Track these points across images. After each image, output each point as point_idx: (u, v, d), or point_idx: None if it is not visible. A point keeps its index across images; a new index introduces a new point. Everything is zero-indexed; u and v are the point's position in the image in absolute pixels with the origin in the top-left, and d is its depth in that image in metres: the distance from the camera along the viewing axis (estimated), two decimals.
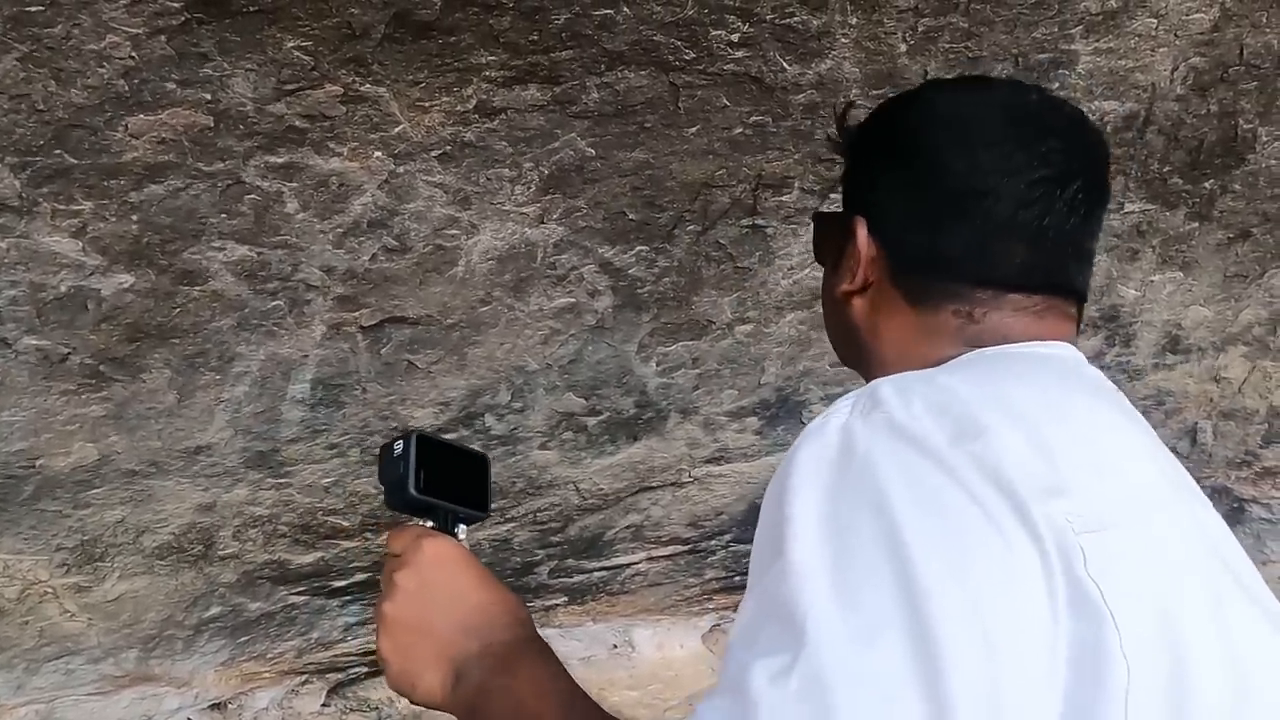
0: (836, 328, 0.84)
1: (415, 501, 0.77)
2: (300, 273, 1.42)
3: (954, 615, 0.48)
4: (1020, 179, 0.71)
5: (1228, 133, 1.69)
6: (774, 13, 1.29)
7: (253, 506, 1.77)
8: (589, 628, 2.72)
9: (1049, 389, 0.65)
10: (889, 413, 0.58)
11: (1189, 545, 0.60)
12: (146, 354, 1.42)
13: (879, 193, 0.78)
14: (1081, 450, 0.59)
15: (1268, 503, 2.55)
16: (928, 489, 0.53)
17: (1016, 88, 0.80)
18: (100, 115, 1.12)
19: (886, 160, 0.79)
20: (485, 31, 1.20)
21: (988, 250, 0.72)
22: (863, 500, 0.53)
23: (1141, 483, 0.61)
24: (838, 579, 0.51)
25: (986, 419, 0.57)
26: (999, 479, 0.53)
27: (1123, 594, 0.52)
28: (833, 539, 0.52)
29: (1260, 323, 2.08)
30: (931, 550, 0.50)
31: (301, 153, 1.26)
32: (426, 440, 0.79)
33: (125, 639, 1.87)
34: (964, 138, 0.74)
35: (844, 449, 0.57)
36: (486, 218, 1.46)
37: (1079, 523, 0.53)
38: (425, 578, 0.73)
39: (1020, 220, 0.71)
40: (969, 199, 0.72)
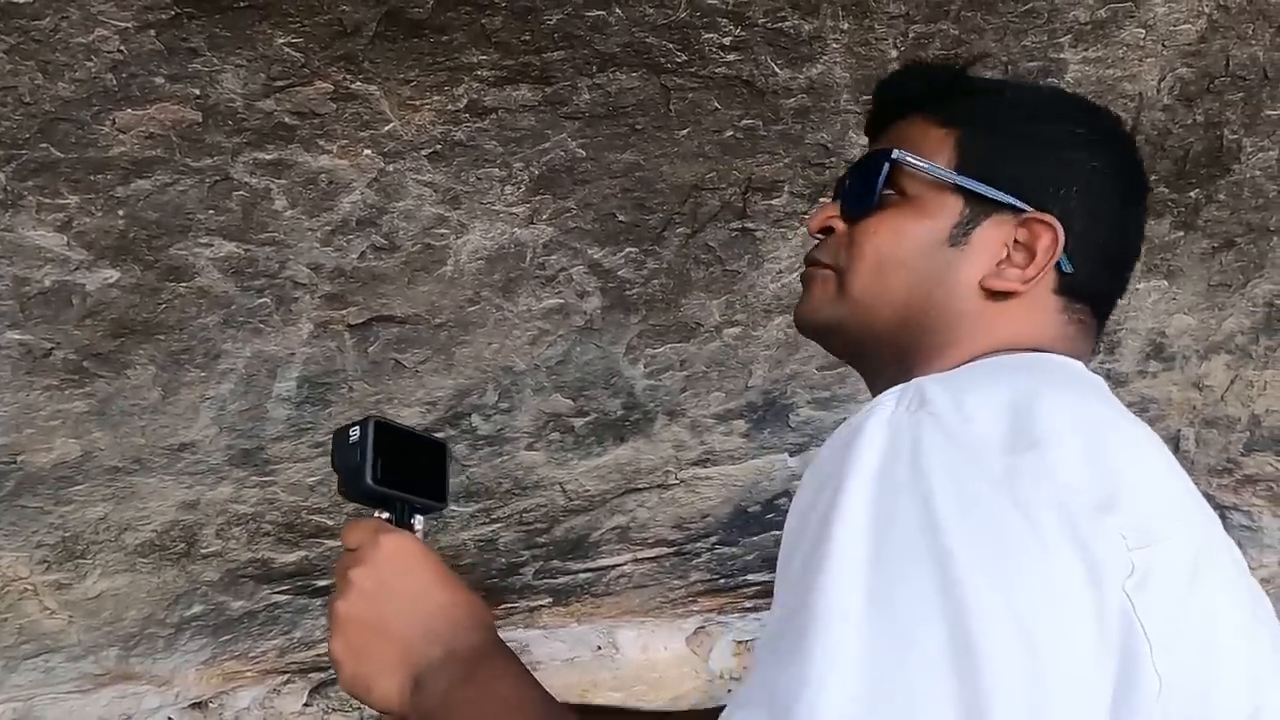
0: (913, 297, 0.77)
1: (372, 492, 0.74)
2: (288, 270, 1.41)
3: (996, 625, 0.47)
4: (1139, 242, 0.84)
5: (1213, 143, 1.70)
6: (766, 17, 1.29)
7: (237, 504, 1.76)
8: (573, 629, 2.72)
9: (1094, 400, 0.66)
10: (937, 411, 0.56)
11: (1221, 563, 0.60)
12: (131, 350, 1.41)
13: (1070, 205, 0.77)
14: (1130, 464, 0.58)
15: (1248, 510, 2.57)
16: (977, 500, 0.52)
17: (1128, 142, 0.86)
18: (87, 109, 1.11)
19: (1084, 179, 0.79)
20: (477, 31, 1.19)
21: (1115, 294, 0.82)
22: (909, 503, 0.52)
23: (1178, 499, 0.61)
24: (875, 582, 0.49)
25: (1044, 425, 0.56)
26: (1053, 491, 0.52)
27: (1156, 608, 0.51)
28: (874, 538, 0.51)
29: (1243, 331, 2.10)
30: (978, 561, 0.49)
31: (291, 149, 1.25)
32: (384, 427, 0.76)
33: (106, 637, 1.85)
34: (1137, 197, 0.84)
35: (891, 442, 0.55)
36: (476, 217, 1.46)
37: (1130, 538, 0.53)
38: (383, 576, 0.70)
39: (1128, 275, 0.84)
40: (1129, 253, 0.83)
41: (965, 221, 0.77)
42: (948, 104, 0.82)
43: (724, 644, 2.96)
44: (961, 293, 0.75)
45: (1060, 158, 0.77)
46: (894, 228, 0.79)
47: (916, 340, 0.76)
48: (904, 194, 0.80)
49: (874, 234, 0.79)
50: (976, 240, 0.76)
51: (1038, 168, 0.77)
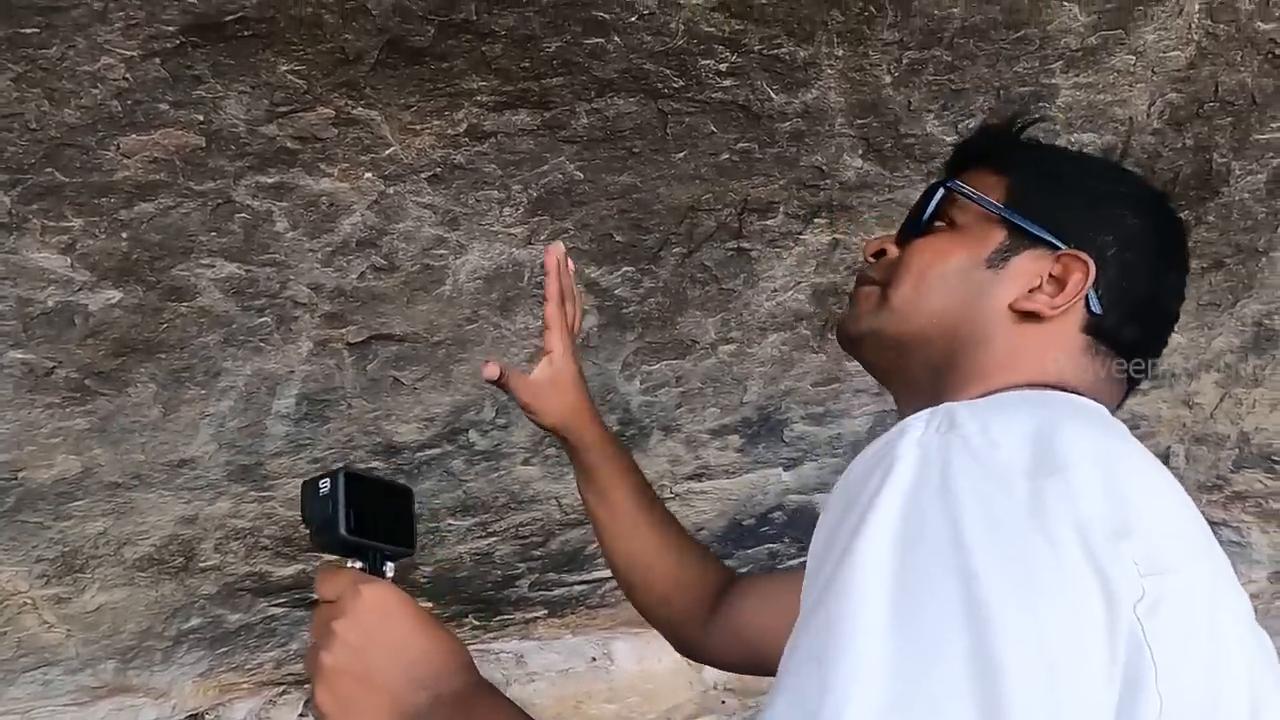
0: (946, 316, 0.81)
1: (346, 542, 0.75)
2: (288, 290, 1.43)
3: (1018, 642, 0.49)
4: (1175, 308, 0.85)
5: (1202, 166, 1.73)
6: (762, 44, 1.31)
7: (235, 519, 1.77)
8: (568, 640, 2.73)
9: (1112, 435, 0.68)
10: (966, 435, 0.58)
11: (1227, 592, 0.62)
12: (132, 368, 1.43)
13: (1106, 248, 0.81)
14: (1145, 495, 0.60)
15: (1237, 526, 2.59)
16: (1002, 522, 0.53)
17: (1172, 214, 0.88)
18: (92, 135, 1.13)
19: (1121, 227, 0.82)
20: (477, 58, 1.21)
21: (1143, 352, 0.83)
22: (936, 522, 0.53)
23: (1188, 530, 0.63)
24: (901, 604, 0.50)
25: (1067, 454, 0.57)
26: (1074, 518, 0.54)
27: (1164, 633, 0.53)
28: (902, 554, 0.52)
29: (1232, 350, 2.12)
30: (1001, 580, 0.50)
31: (292, 173, 1.27)
32: (354, 478, 0.76)
33: (104, 650, 1.86)
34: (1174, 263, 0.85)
35: (921, 463, 0.56)
36: (475, 238, 1.47)
37: (1143, 565, 0.54)
38: (365, 627, 0.70)
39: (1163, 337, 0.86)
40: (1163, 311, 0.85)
41: (1004, 249, 0.82)
42: (1006, 155, 0.89)
43: None
44: (992, 313, 0.80)
45: (1102, 209, 0.83)
46: (938, 248, 0.85)
47: (948, 358, 0.80)
48: (953, 223, 0.86)
49: (920, 252, 0.85)
50: (1013, 267, 0.81)
51: (1080, 213, 0.83)
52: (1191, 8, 1.43)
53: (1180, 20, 1.44)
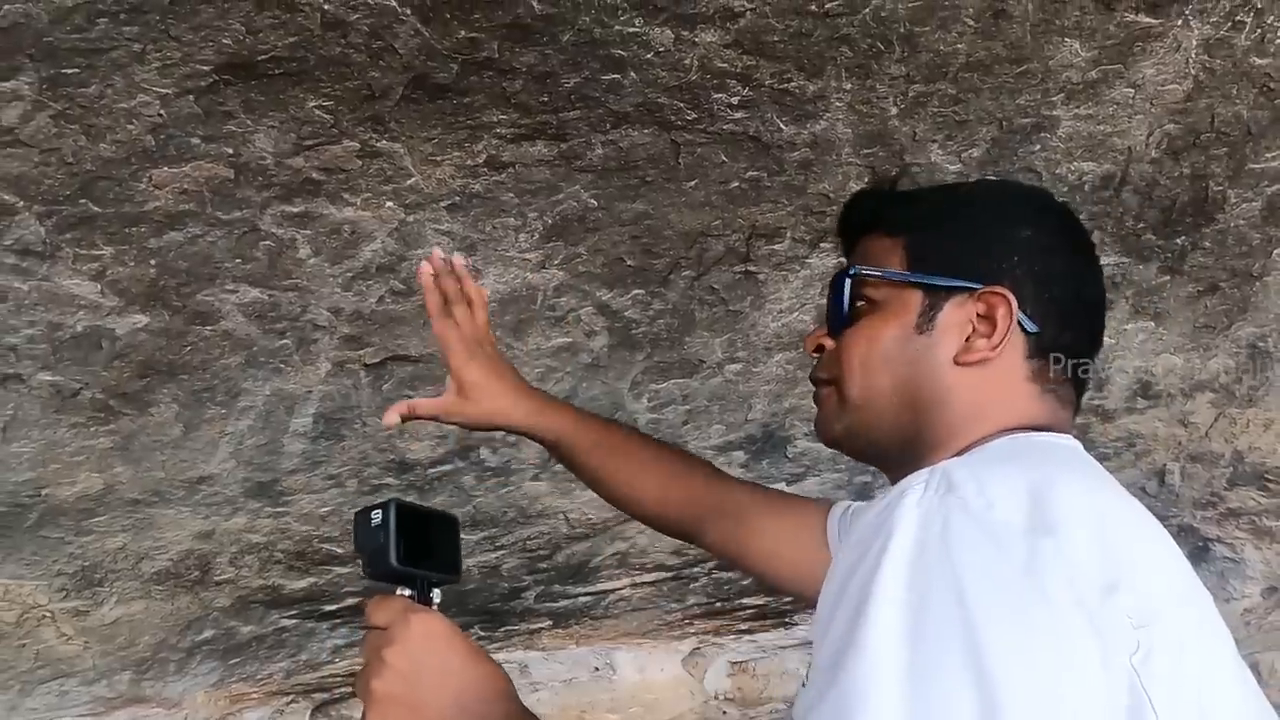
0: (898, 392, 0.83)
1: (396, 572, 0.77)
2: (309, 314, 1.46)
3: (1023, 700, 0.52)
4: (1100, 293, 0.85)
5: (1199, 194, 1.77)
6: (773, 78, 1.35)
7: (250, 534, 1.81)
8: (571, 651, 2.76)
9: (1097, 484, 0.70)
10: (964, 497, 0.61)
11: (1209, 635, 0.65)
12: (156, 389, 1.46)
13: (1020, 272, 0.82)
14: (1133, 546, 0.63)
15: (1231, 543, 2.63)
16: (1001, 582, 0.56)
17: (1058, 207, 0.90)
18: (126, 168, 1.17)
19: (1027, 245, 0.83)
20: (498, 93, 1.25)
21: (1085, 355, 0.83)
22: (940, 584, 0.56)
23: (1173, 576, 0.66)
24: (912, 663, 0.54)
25: (1058, 513, 0.60)
26: (1068, 575, 0.57)
27: (1160, 678, 0.56)
28: (910, 617, 0.55)
29: (1227, 371, 2.17)
30: (1004, 638, 0.54)
31: (317, 202, 1.31)
32: (404, 508, 0.79)
33: (119, 661, 1.90)
34: (1081, 250, 0.86)
35: (922, 526, 0.59)
36: (491, 263, 1.51)
37: (1135, 617, 0.57)
38: (415, 656, 0.74)
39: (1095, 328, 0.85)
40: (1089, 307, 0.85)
41: (927, 310, 0.83)
42: (892, 217, 0.90)
43: (719, 665, 3.02)
44: (941, 373, 0.81)
45: (997, 234, 0.84)
46: (868, 333, 0.86)
47: (917, 429, 0.82)
48: (872, 302, 0.87)
49: (853, 343, 0.86)
50: (941, 324, 0.82)
51: (978, 248, 0.84)
52: (1189, 43, 1.47)
53: (1178, 55, 1.48)
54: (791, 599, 2.96)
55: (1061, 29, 1.39)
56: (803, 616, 2.93)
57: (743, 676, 3.03)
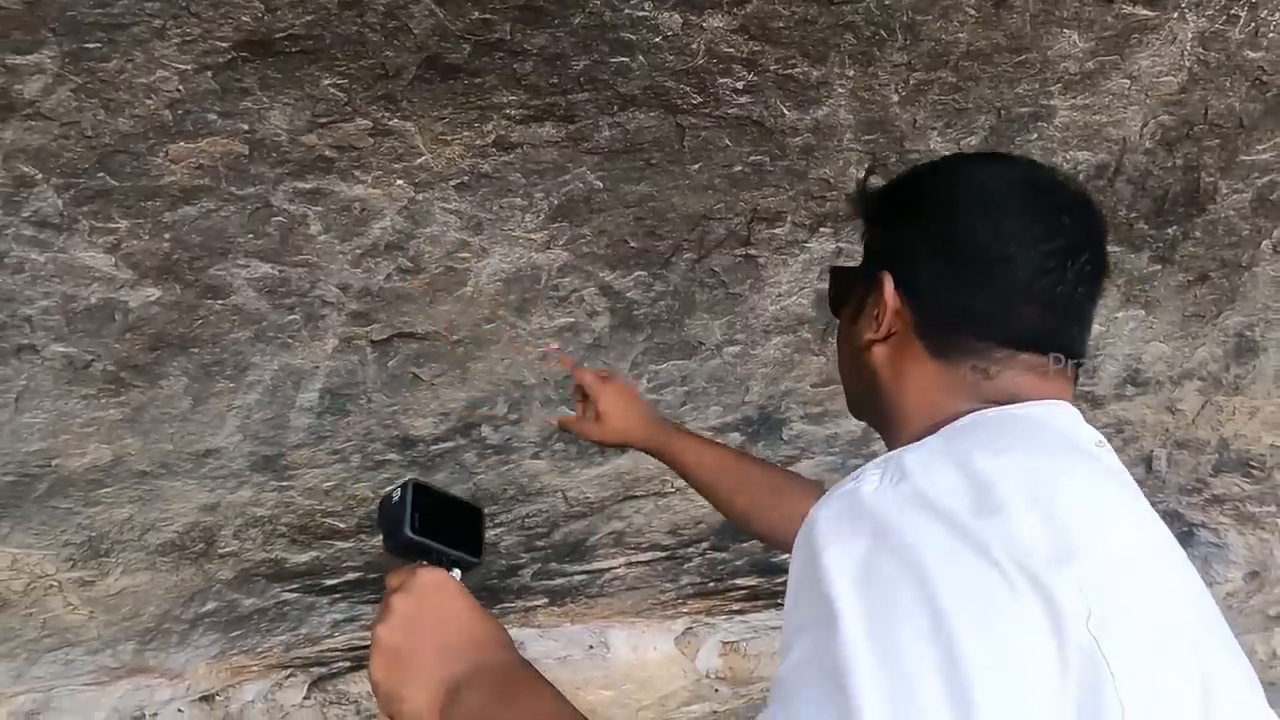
0: (854, 377, 0.89)
1: (412, 542, 0.81)
2: (318, 289, 1.48)
3: (987, 672, 0.55)
4: (1038, 249, 0.78)
5: (1191, 184, 1.80)
6: (778, 64, 1.38)
7: (255, 507, 1.83)
8: (566, 629, 2.80)
9: (1055, 456, 0.72)
10: (916, 485, 0.64)
11: (1170, 598, 0.67)
12: (166, 362, 1.48)
13: (906, 251, 0.83)
14: (1085, 516, 0.65)
15: (1215, 528, 2.68)
16: (958, 561, 0.60)
17: (1034, 165, 0.87)
18: (144, 142, 1.18)
19: (915, 222, 0.84)
20: (509, 74, 1.27)
21: (1007, 312, 0.79)
22: (902, 573, 0.59)
23: (1132, 544, 0.68)
24: (879, 635, 0.57)
25: (1003, 493, 0.63)
26: (1017, 551, 0.60)
27: (1118, 643, 0.59)
28: (873, 599, 0.59)
29: (1214, 360, 2.21)
30: (966, 617, 0.57)
31: (329, 180, 1.33)
32: (423, 487, 0.83)
33: (124, 632, 1.92)
34: (990, 207, 0.80)
35: (881, 522, 0.62)
36: (497, 242, 1.54)
37: (1086, 586, 0.60)
38: (419, 602, 0.78)
39: (1037, 286, 0.78)
40: (993, 264, 0.79)
41: (860, 300, 0.88)
42: (867, 209, 0.94)
43: (711, 645, 3.06)
44: (868, 360, 0.86)
45: (900, 216, 0.87)
46: (840, 324, 0.94)
47: (879, 411, 0.87)
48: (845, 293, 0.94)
49: (837, 333, 0.95)
50: (864, 312, 0.87)
51: (887, 233, 0.89)
52: (1184, 36, 1.50)
53: (1173, 48, 1.51)
54: (784, 581, 3.00)
55: (1060, 20, 1.42)
56: None
57: (734, 656, 3.07)
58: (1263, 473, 2.53)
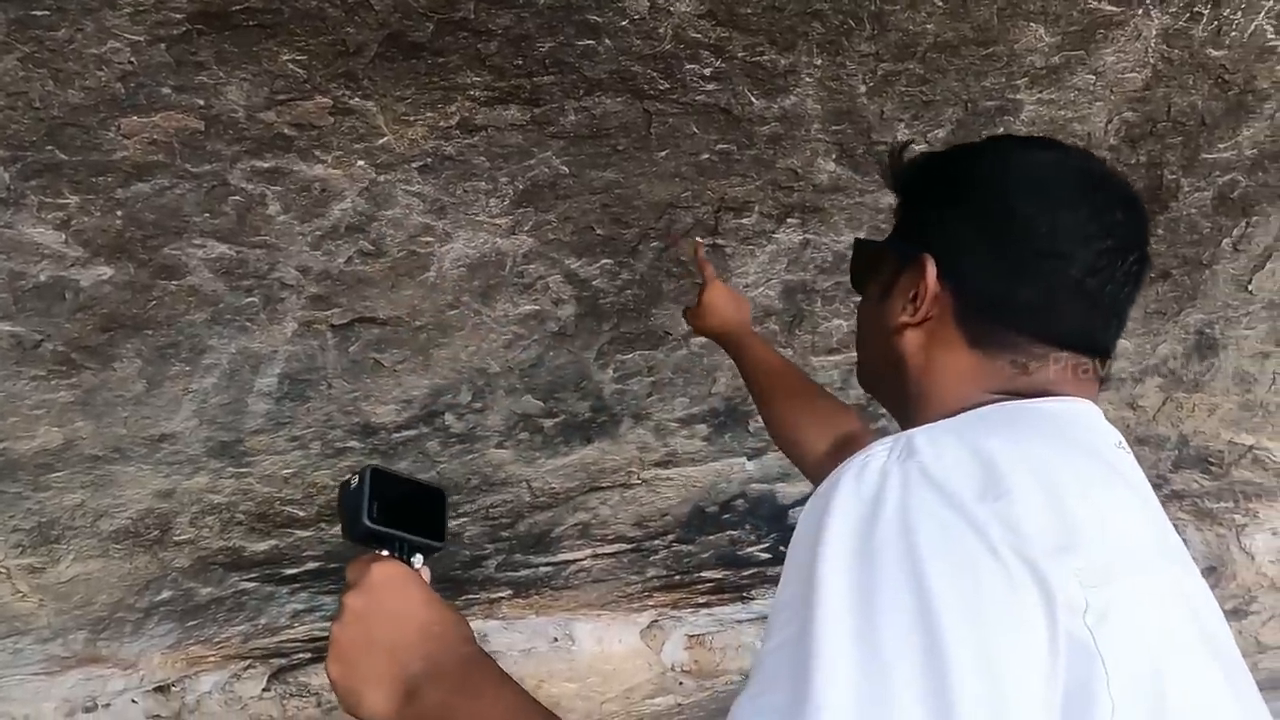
0: (877, 356, 0.86)
1: (370, 531, 0.79)
2: (276, 272, 1.46)
3: (969, 659, 0.54)
4: (1092, 246, 0.75)
5: (1154, 181, 1.82)
6: (745, 51, 1.37)
7: (212, 494, 1.80)
8: (531, 620, 2.79)
9: (1070, 452, 0.70)
10: (923, 462, 0.63)
11: (1171, 604, 0.66)
12: (119, 343, 1.45)
13: (950, 236, 0.80)
14: (1094, 513, 0.64)
15: (1174, 523, 2.71)
16: (954, 542, 0.58)
17: (1088, 156, 0.82)
18: (94, 115, 1.15)
19: (963, 204, 0.80)
20: (473, 54, 1.25)
21: (1054, 309, 0.76)
22: (894, 548, 0.58)
23: (1137, 544, 0.66)
24: (862, 625, 0.56)
25: (1012, 479, 0.62)
26: (1018, 536, 0.59)
27: (1114, 641, 0.58)
28: (862, 580, 0.58)
29: (1175, 357, 2.23)
30: (954, 601, 0.56)
31: (288, 159, 1.30)
32: (382, 474, 0.81)
33: (75, 620, 1.88)
34: (1046, 198, 0.76)
35: (879, 493, 0.61)
36: (461, 227, 1.52)
37: (1085, 577, 0.59)
38: (372, 598, 0.75)
39: (1088, 285, 0.75)
40: (1046, 258, 0.75)
41: (891, 278, 0.85)
42: (903, 183, 0.90)
43: (677, 638, 3.06)
44: (894, 342, 0.82)
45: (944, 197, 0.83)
46: (863, 301, 0.92)
47: (899, 393, 0.83)
48: (871, 269, 0.91)
49: (859, 309, 0.92)
50: (896, 292, 0.83)
51: (928, 213, 0.84)
52: (1149, 33, 1.51)
53: (1138, 44, 1.52)
54: (751, 574, 3.01)
55: (1027, 13, 1.42)
56: (760, 591, 2.98)
57: (699, 649, 3.07)
58: (1221, 469, 2.57)
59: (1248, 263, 2.07)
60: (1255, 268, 2.09)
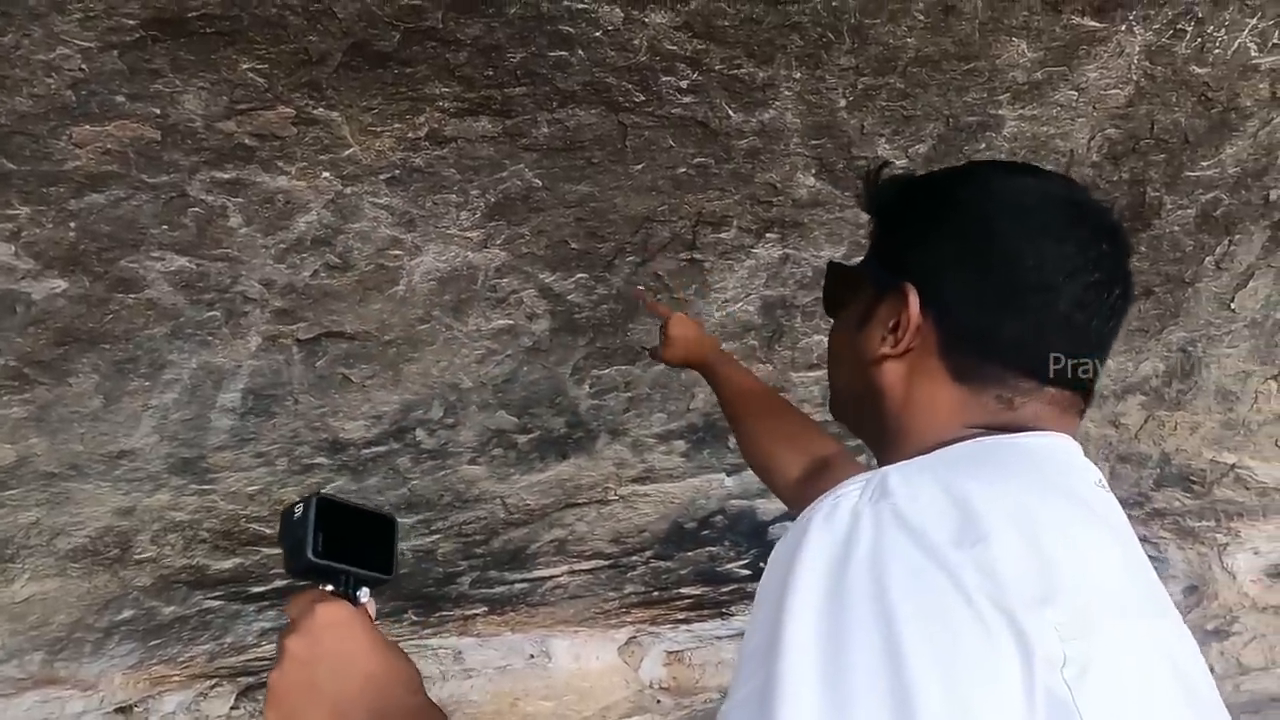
0: (852, 386, 0.82)
1: (314, 566, 0.75)
2: (239, 285, 1.41)
3: (940, 712, 0.51)
4: (1079, 280, 0.72)
5: (1137, 199, 1.80)
6: (723, 64, 1.34)
7: (174, 511, 1.75)
8: (507, 637, 2.74)
9: (1049, 491, 0.67)
10: (896, 504, 0.60)
11: (1151, 656, 0.63)
12: (74, 358, 1.40)
13: (932, 264, 0.76)
14: (1071, 558, 0.61)
15: (1156, 542, 2.70)
16: (926, 588, 0.55)
17: (1072, 185, 0.79)
18: (44, 124, 1.11)
19: (945, 233, 0.77)
20: (442, 65, 1.22)
21: (1038, 342, 0.73)
22: (864, 592, 0.55)
23: (1117, 592, 0.64)
24: (829, 670, 0.53)
25: (988, 522, 0.59)
26: (995, 585, 0.56)
27: (1093, 697, 0.55)
28: (831, 626, 0.55)
29: (1158, 375, 2.21)
30: (925, 649, 0.53)
31: (249, 169, 1.26)
32: (328, 502, 0.77)
33: (31, 641, 1.82)
34: (1032, 229, 0.74)
35: (850, 535, 0.58)
36: (430, 240, 1.48)
37: (1065, 630, 0.56)
38: (316, 644, 0.71)
39: (1073, 319, 0.73)
40: (1033, 292, 0.72)
41: (869, 305, 0.81)
42: (881, 205, 0.86)
43: (655, 654, 3.01)
44: (871, 372, 0.79)
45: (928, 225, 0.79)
46: (836, 326, 0.87)
47: (874, 424, 0.80)
48: (847, 293, 0.87)
49: (831, 334, 0.88)
50: (874, 320, 0.79)
51: (910, 240, 0.80)
52: (1132, 49, 1.49)
53: (1121, 61, 1.50)
54: (730, 590, 2.98)
55: (1009, 28, 1.40)
56: (739, 607, 2.94)
57: (678, 666, 3.03)
58: (1203, 488, 2.55)
59: (1230, 281, 2.06)
60: (1238, 286, 2.08)
